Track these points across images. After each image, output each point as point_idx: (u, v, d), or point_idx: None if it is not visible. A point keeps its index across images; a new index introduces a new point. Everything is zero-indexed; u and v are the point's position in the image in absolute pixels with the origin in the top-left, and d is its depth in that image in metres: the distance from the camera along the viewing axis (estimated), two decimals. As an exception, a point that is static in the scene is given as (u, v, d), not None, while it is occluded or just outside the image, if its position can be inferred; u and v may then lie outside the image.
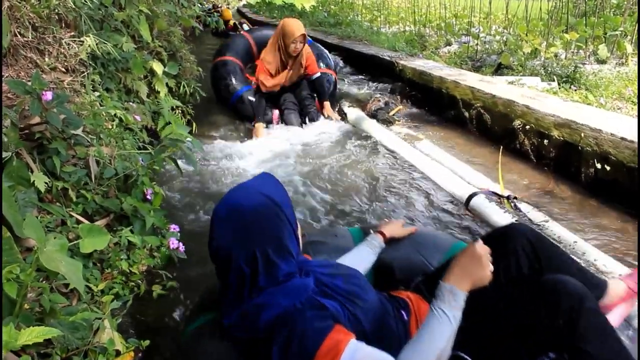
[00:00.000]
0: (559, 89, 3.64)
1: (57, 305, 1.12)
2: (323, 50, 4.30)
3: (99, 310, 1.29)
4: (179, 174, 2.38)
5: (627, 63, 4.26)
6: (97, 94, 2.11)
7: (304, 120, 3.67)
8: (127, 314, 1.49)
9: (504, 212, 2.16)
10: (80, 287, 0.98)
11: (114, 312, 1.41)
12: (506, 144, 3.04)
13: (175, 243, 1.74)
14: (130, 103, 2.46)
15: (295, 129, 3.59)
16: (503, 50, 4.98)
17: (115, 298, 1.45)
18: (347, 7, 9.83)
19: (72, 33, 2.26)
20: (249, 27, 8.04)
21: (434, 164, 2.78)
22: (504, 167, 2.66)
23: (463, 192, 2.39)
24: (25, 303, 1.05)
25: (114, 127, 2.05)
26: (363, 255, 1.37)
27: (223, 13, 8.97)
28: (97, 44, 2.21)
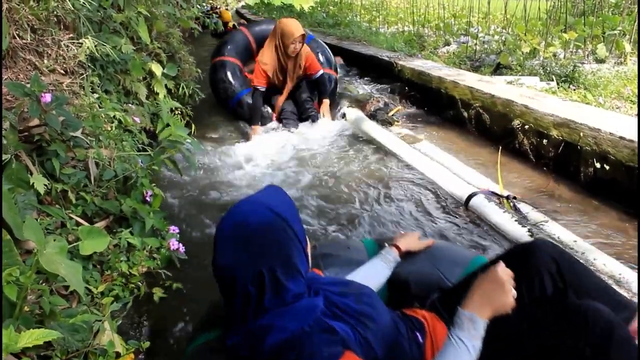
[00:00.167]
0: (558, 88, 3.64)
1: (57, 308, 1.12)
2: (325, 47, 4.24)
3: (99, 312, 1.29)
4: (178, 176, 2.38)
5: (625, 62, 4.26)
6: (96, 95, 2.11)
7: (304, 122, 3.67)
8: (127, 315, 1.49)
9: (503, 212, 2.16)
10: (80, 289, 0.98)
11: (114, 314, 1.41)
12: (505, 143, 3.04)
13: (175, 244, 1.74)
14: (130, 105, 2.46)
15: (296, 130, 3.59)
16: (502, 50, 4.99)
17: (115, 300, 1.45)
18: (346, 8, 9.84)
19: (70, 35, 2.26)
20: None
21: (433, 165, 2.78)
22: (503, 167, 2.66)
23: (462, 192, 2.39)
24: (25, 305, 1.05)
25: (113, 128, 2.05)
26: (377, 270, 1.31)
27: (222, 14, 8.99)
28: (96, 46, 2.21)
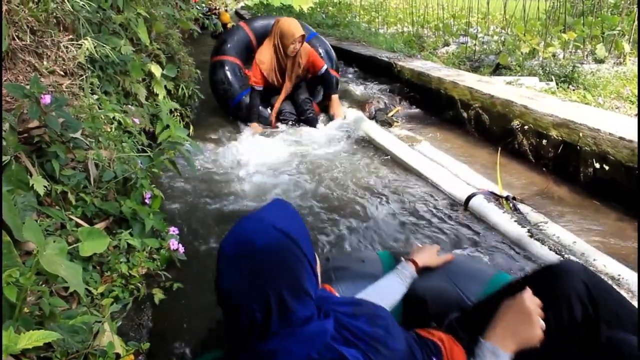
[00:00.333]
0: (557, 88, 3.65)
1: (57, 309, 1.12)
2: (327, 44, 4.21)
3: (99, 314, 1.29)
4: (178, 177, 2.38)
5: (625, 62, 4.27)
6: (95, 97, 2.11)
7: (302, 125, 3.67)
8: (127, 317, 1.49)
9: (502, 212, 2.16)
10: (80, 290, 0.98)
11: (113, 315, 1.41)
12: (505, 144, 3.04)
13: (175, 244, 1.75)
14: (129, 106, 2.46)
15: (295, 131, 3.59)
16: (501, 51, 4.99)
17: (115, 301, 1.45)
18: (345, 9, 9.85)
19: (70, 36, 2.26)
20: None
21: (432, 165, 2.78)
22: (503, 167, 2.66)
23: (462, 193, 2.39)
24: (25, 307, 1.05)
25: (113, 130, 2.05)
26: (392, 287, 1.25)
27: (220, 16, 8.98)
28: (95, 47, 2.21)
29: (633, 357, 0.89)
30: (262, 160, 3.09)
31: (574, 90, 3.63)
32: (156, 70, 2.81)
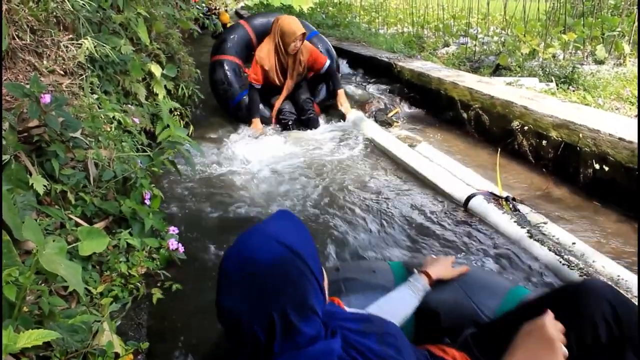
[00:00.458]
0: (557, 89, 3.65)
1: (56, 308, 1.12)
2: (327, 43, 4.20)
3: (98, 313, 1.29)
4: (177, 176, 2.38)
5: (625, 63, 4.27)
6: (95, 96, 2.11)
7: (304, 129, 3.67)
8: (126, 316, 1.49)
9: (502, 213, 2.16)
10: (80, 290, 0.98)
11: (113, 315, 1.41)
12: (504, 145, 3.04)
13: (174, 244, 1.75)
14: (129, 105, 2.47)
15: (295, 131, 3.60)
16: (501, 51, 4.99)
17: (114, 300, 1.45)
18: (345, 9, 9.84)
19: (70, 36, 2.26)
20: None
21: (432, 166, 2.78)
22: (503, 168, 2.66)
23: (462, 193, 2.39)
24: (25, 306, 1.05)
25: (113, 129, 2.05)
26: (404, 300, 1.19)
27: (220, 16, 8.97)
28: (95, 47, 2.21)
29: None
30: (262, 160, 3.09)
31: (574, 91, 3.63)
32: (156, 70, 2.81)
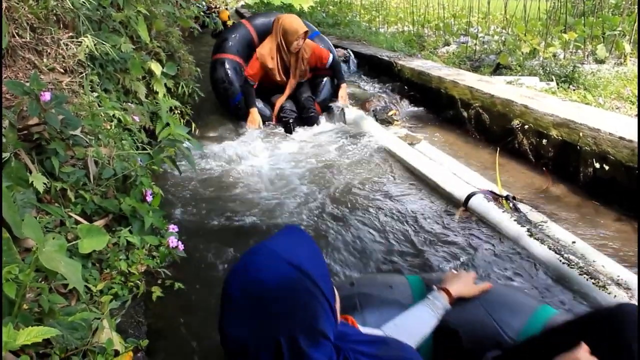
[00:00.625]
0: (558, 88, 3.65)
1: (56, 306, 1.12)
2: (329, 44, 4.20)
3: (98, 311, 1.29)
4: (177, 174, 2.38)
5: (625, 63, 4.26)
6: (95, 94, 2.11)
7: (304, 127, 3.67)
8: (126, 314, 1.49)
9: (502, 211, 2.16)
10: (80, 287, 0.98)
11: (112, 312, 1.41)
12: (505, 143, 3.04)
13: (174, 242, 1.75)
14: (129, 103, 2.46)
15: (293, 129, 3.59)
16: (501, 50, 4.99)
17: (114, 298, 1.45)
18: (346, 8, 9.83)
19: (70, 34, 2.26)
20: None
21: (432, 164, 2.78)
22: (503, 167, 2.66)
23: (461, 192, 2.39)
24: (24, 303, 1.05)
25: (113, 127, 2.05)
26: (422, 318, 1.12)
27: (220, 14, 8.96)
28: (95, 45, 2.21)
29: None
30: (262, 159, 3.09)
31: (574, 90, 3.63)
32: (156, 68, 2.81)
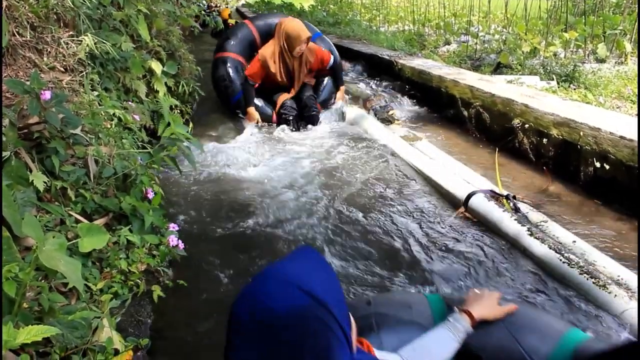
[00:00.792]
0: (558, 87, 3.64)
1: (56, 304, 1.12)
2: (331, 45, 4.21)
3: (98, 309, 1.29)
4: (178, 173, 2.38)
5: (626, 62, 4.26)
6: (95, 93, 2.11)
7: (305, 125, 3.67)
8: (126, 313, 1.49)
9: (502, 211, 2.16)
10: (80, 286, 0.98)
11: (113, 311, 1.41)
12: (505, 143, 3.04)
13: (174, 240, 1.75)
14: (129, 102, 2.46)
15: (295, 127, 3.60)
16: (502, 49, 4.98)
17: (114, 297, 1.45)
18: (346, 7, 9.83)
19: (70, 32, 2.25)
20: None
21: (433, 164, 2.78)
22: (503, 166, 2.66)
23: (462, 192, 2.38)
24: (24, 302, 1.05)
25: (113, 126, 2.05)
26: (442, 342, 1.06)
27: (221, 12, 8.95)
28: (95, 44, 2.21)
29: None
30: (262, 158, 3.09)
31: (575, 89, 3.62)
32: (156, 67, 2.81)
